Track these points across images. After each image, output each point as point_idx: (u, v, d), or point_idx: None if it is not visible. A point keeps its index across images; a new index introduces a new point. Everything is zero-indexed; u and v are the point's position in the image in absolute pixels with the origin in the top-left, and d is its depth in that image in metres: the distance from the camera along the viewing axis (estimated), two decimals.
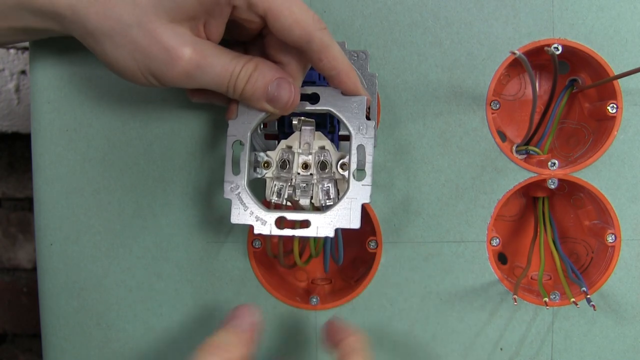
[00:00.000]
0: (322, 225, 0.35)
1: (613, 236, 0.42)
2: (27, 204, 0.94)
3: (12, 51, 0.91)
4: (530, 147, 0.42)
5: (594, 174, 0.42)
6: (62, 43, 0.41)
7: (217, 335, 0.34)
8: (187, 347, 0.43)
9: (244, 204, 0.36)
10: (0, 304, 0.95)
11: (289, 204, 0.38)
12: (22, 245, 0.94)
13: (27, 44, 0.54)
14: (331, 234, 0.35)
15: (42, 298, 0.43)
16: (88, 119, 0.42)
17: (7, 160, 0.94)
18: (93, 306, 0.43)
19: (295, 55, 0.35)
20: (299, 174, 0.37)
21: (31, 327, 0.94)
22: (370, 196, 0.35)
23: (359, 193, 0.35)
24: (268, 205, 0.37)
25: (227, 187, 0.36)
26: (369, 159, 0.35)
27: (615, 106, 0.41)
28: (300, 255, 0.39)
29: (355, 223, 0.35)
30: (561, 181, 0.42)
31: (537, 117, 0.41)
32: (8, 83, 0.91)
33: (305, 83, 0.37)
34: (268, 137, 0.40)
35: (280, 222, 0.36)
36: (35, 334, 0.94)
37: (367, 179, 0.35)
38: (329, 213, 0.35)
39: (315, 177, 0.37)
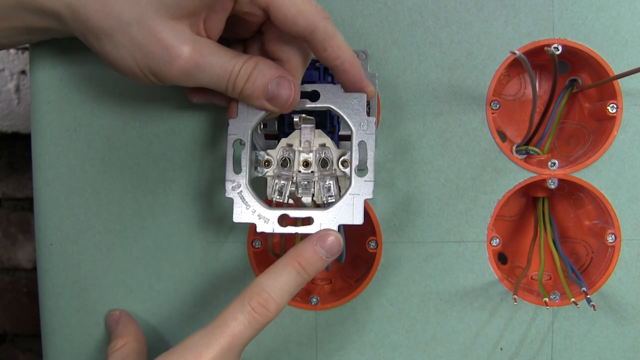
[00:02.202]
0: (325, 222, 0.35)
1: (613, 236, 0.42)
2: (27, 204, 0.94)
3: (12, 51, 0.91)
4: (530, 147, 0.42)
5: (594, 174, 0.42)
6: (61, 43, 0.41)
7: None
8: None
9: (246, 202, 0.36)
10: (0, 304, 0.95)
11: (291, 201, 0.38)
12: (22, 245, 0.94)
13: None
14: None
15: (42, 298, 0.43)
16: (88, 119, 0.42)
17: (7, 160, 0.94)
18: (93, 306, 0.43)
19: (295, 52, 0.35)
20: (300, 172, 0.37)
21: (31, 327, 0.94)
22: (373, 192, 0.35)
23: (361, 189, 0.35)
24: (270, 204, 0.37)
25: (228, 186, 0.36)
26: (370, 154, 0.35)
27: (615, 106, 0.41)
28: None
29: (358, 219, 0.35)
30: (561, 181, 0.42)
31: (537, 117, 0.41)
32: (8, 83, 0.91)
33: (306, 82, 0.37)
34: (268, 137, 0.40)
35: (283, 220, 0.36)
36: (35, 334, 0.94)
37: (370, 175, 0.35)
38: (331, 210, 0.35)
39: (316, 174, 0.37)
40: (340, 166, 0.37)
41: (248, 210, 0.36)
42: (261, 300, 0.33)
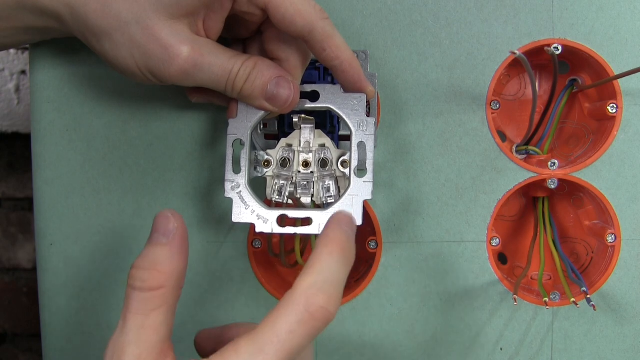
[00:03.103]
0: (324, 223, 0.35)
1: (613, 236, 0.42)
2: (27, 204, 0.94)
3: (12, 51, 0.91)
4: (530, 147, 0.42)
5: (594, 174, 0.42)
6: (61, 43, 0.41)
7: (145, 253, 0.29)
8: (186, 347, 0.43)
9: (245, 202, 0.36)
10: (0, 304, 0.95)
11: (290, 202, 0.38)
12: (22, 245, 0.94)
13: None
14: None
15: (42, 298, 0.43)
16: (88, 119, 0.42)
17: (7, 160, 0.94)
18: (93, 306, 0.43)
19: (295, 51, 0.35)
20: (299, 172, 0.37)
21: (31, 327, 0.94)
22: (372, 192, 0.35)
23: (360, 190, 0.35)
24: (269, 204, 0.37)
25: (227, 186, 0.36)
26: (369, 155, 0.35)
27: (615, 106, 0.41)
28: (302, 254, 0.39)
29: (357, 220, 0.35)
30: (561, 181, 0.42)
31: (537, 117, 0.41)
32: (8, 83, 0.91)
33: (305, 83, 0.37)
34: (268, 137, 0.40)
35: (282, 220, 0.36)
36: (35, 334, 0.94)
37: (369, 176, 0.35)
38: (330, 210, 0.35)
39: (316, 174, 0.37)
40: (340, 167, 0.37)
41: (247, 211, 0.36)
42: (320, 302, 0.27)
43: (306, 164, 0.37)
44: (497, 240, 0.42)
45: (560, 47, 0.40)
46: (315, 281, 0.27)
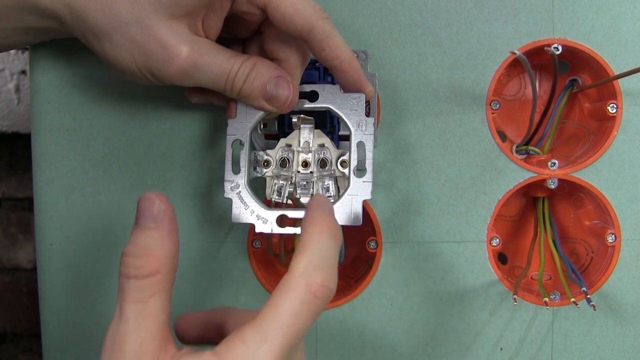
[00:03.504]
0: None
1: (613, 236, 0.42)
2: (27, 204, 0.94)
3: (12, 51, 0.91)
4: (530, 147, 0.42)
5: (594, 174, 0.42)
6: (62, 43, 0.41)
7: (134, 240, 0.28)
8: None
9: (245, 202, 0.36)
10: (0, 304, 0.95)
11: (289, 202, 0.38)
12: (22, 245, 0.94)
13: None
14: None
15: (42, 298, 0.43)
16: (88, 119, 0.42)
17: (7, 160, 0.94)
18: (93, 306, 0.43)
19: (294, 51, 0.35)
20: (299, 172, 0.37)
21: (31, 327, 0.94)
22: (372, 192, 0.35)
23: (359, 190, 0.35)
24: (269, 204, 0.37)
25: (227, 186, 0.36)
26: (369, 155, 0.35)
27: (615, 106, 0.41)
28: None
29: (356, 220, 0.35)
30: (561, 181, 0.42)
31: (537, 117, 0.41)
32: (8, 83, 0.91)
33: (305, 83, 0.37)
34: (268, 137, 0.40)
35: (281, 220, 0.36)
36: (35, 334, 0.94)
37: (368, 176, 0.35)
38: None
39: (315, 174, 0.37)
40: (339, 166, 0.37)
41: (247, 211, 0.36)
42: (319, 280, 0.27)
43: (305, 164, 0.37)
44: (497, 240, 0.42)
45: (560, 47, 0.40)
46: (310, 261, 0.27)
